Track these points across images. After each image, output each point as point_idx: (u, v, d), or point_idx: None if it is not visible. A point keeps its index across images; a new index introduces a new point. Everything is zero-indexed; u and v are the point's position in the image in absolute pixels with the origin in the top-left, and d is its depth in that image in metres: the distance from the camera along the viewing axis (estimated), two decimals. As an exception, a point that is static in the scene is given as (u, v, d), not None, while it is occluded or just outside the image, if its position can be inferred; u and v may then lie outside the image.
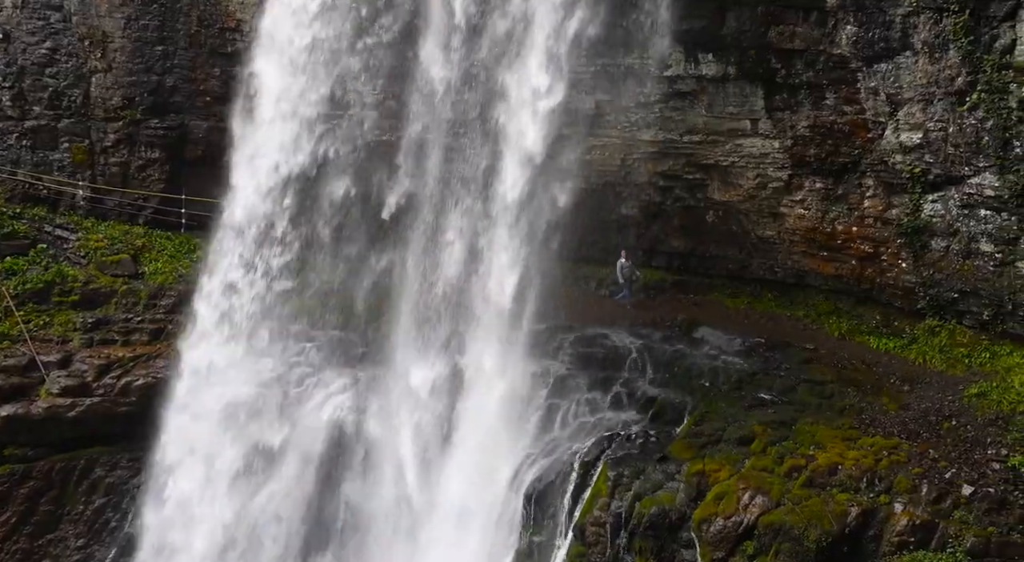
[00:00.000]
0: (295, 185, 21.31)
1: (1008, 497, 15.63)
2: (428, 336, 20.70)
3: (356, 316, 21.99)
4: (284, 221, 21.24)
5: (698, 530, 16.79)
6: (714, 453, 17.77)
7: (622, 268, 22.30)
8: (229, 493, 20.47)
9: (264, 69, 21.36)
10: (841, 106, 19.48)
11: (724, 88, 20.43)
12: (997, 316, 19.04)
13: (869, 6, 18.17)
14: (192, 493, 20.66)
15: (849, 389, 18.81)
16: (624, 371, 20.34)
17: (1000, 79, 17.29)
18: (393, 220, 21.29)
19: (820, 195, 20.64)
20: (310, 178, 21.23)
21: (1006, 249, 18.42)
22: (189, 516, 20.60)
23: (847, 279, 21.11)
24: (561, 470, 18.58)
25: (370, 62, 20.77)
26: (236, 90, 22.32)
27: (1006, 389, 17.72)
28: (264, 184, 21.43)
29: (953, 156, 18.44)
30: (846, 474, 16.60)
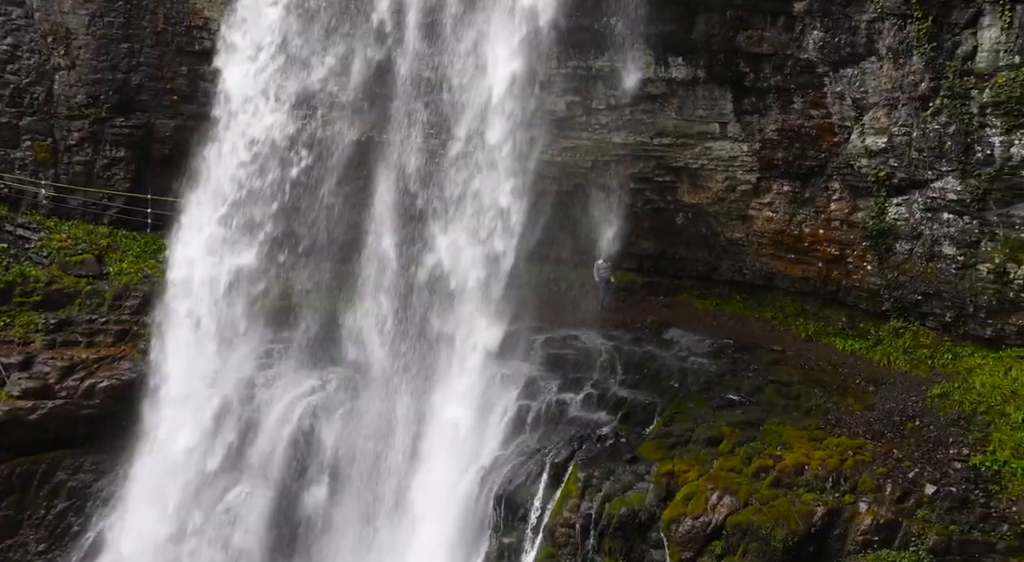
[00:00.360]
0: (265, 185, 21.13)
1: (969, 496, 15.87)
2: (399, 338, 20.63)
3: (326, 317, 21.83)
4: (254, 220, 21.03)
5: (667, 530, 16.90)
6: (683, 454, 17.88)
7: (599, 269, 22.29)
8: (195, 495, 20.20)
9: (232, 68, 21.13)
10: (808, 110, 19.71)
11: (694, 91, 20.59)
12: (959, 318, 19.38)
13: (835, 12, 18.42)
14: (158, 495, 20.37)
15: (816, 390, 19.03)
16: (594, 372, 20.40)
17: (962, 85, 17.61)
18: (366, 217, 21.19)
19: (788, 198, 20.87)
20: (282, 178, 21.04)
21: (968, 252, 18.76)
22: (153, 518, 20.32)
23: (814, 281, 21.37)
24: (531, 471, 18.59)
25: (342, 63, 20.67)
26: (204, 89, 22.08)
27: (967, 390, 18.01)
28: (234, 183, 21.23)
29: (917, 160, 18.75)
30: (812, 474, 16.78)
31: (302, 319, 21.77)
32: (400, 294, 20.78)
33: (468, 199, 20.12)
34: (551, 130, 21.06)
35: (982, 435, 16.89)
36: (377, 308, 20.89)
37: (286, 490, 20.30)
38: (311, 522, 20.16)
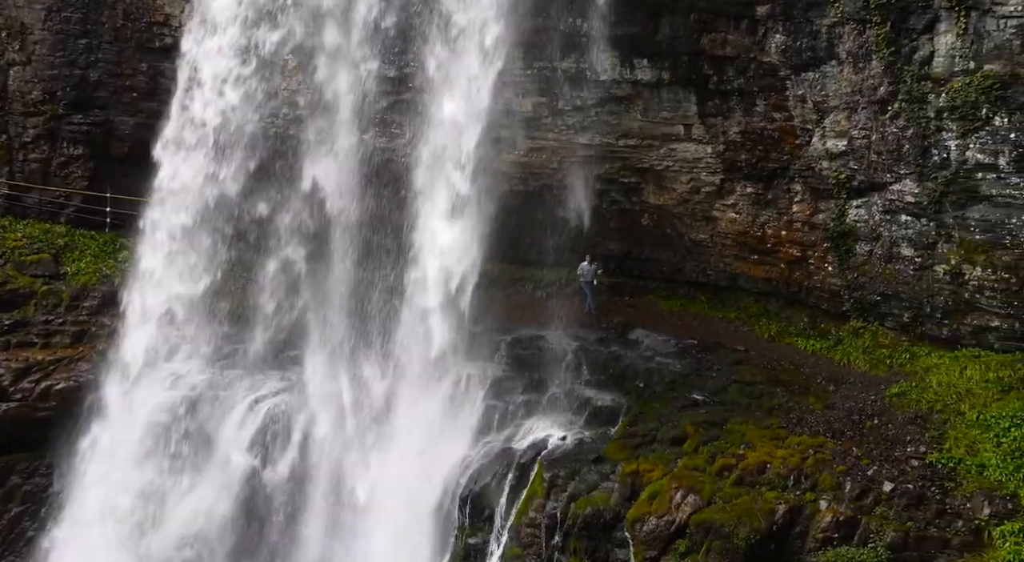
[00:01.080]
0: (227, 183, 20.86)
1: (926, 493, 16.18)
2: (364, 338, 20.50)
3: (290, 317, 21.61)
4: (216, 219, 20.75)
5: (632, 529, 17.00)
6: (648, 453, 18.01)
7: (583, 272, 22.21)
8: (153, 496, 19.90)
9: (198, 64, 20.86)
10: (771, 113, 19.93)
11: (659, 93, 20.72)
12: (916, 318, 19.74)
13: (797, 16, 18.64)
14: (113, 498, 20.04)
15: (778, 389, 19.27)
16: (561, 373, 20.46)
17: (919, 89, 17.93)
18: (329, 221, 21.01)
19: (751, 199, 21.10)
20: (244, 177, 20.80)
21: (925, 253, 19.11)
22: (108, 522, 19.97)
23: (776, 282, 21.62)
24: (497, 472, 18.62)
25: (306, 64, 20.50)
26: (165, 86, 21.74)
27: (924, 389, 18.35)
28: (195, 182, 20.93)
29: (876, 163, 19.05)
30: (774, 472, 16.99)
31: (265, 318, 21.53)
32: (365, 293, 20.64)
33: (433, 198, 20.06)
34: (517, 130, 21.09)
35: (938, 433, 17.24)
36: (342, 307, 20.73)
37: (250, 491, 20.06)
38: (274, 525, 19.96)
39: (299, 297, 21.37)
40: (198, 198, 20.76)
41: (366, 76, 20.40)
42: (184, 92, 20.97)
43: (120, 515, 20.09)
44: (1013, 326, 18.40)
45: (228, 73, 20.53)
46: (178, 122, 21.00)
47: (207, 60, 20.71)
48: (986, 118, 17.36)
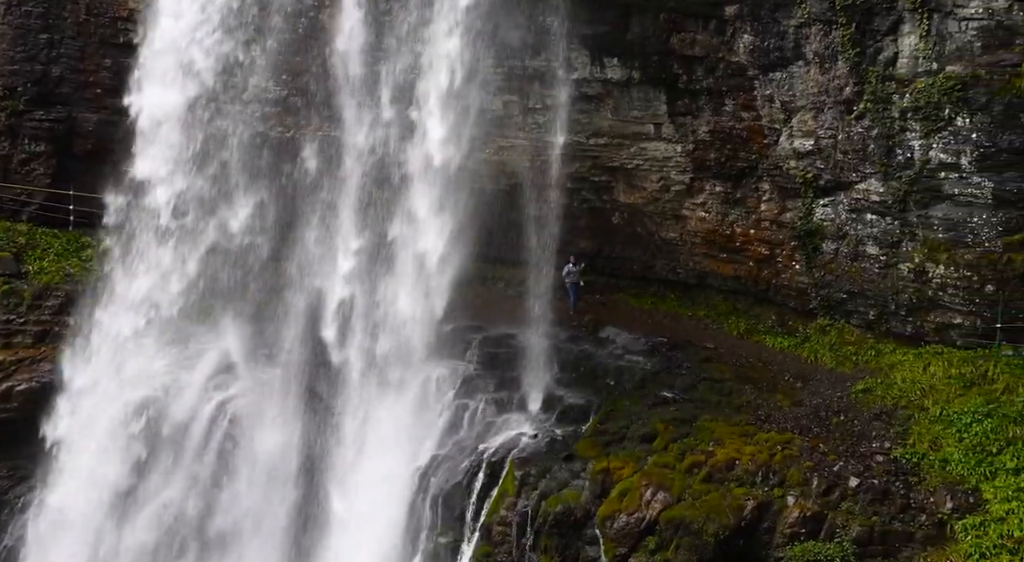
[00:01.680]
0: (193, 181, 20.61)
1: (890, 488, 16.43)
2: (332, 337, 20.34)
3: (259, 315, 21.40)
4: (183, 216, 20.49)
5: (602, 527, 17.08)
6: (618, 451, 18.10)
7: (569, 273, 22.17)
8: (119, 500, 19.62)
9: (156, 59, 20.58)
10: (739, 112, 20.11)
11: (629, 92, 20.81)
12: (881, 316, 20.03)
13: (764, 16, 18.82)
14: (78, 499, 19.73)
15: (746, 386, 19.45)
16: (532, 371, 20.44)
17: (884, 90, 18.19)
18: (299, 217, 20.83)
19: (720, 198, 21.26)
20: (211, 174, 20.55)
21: (890, 252, 19.39)
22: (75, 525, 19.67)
23: (745, 280, 21.82)
24: (468, 470, 18.62)
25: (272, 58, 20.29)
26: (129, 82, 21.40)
27: (889, 385, 18.62)
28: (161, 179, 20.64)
29: (842, 162, 19.30)
30: (743, 469, 17.15)
31: (231, 318, 21.30)
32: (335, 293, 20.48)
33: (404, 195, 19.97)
34: (488, 129, 21.05)
35: (902, 429, 17.50)
36: (310, 306, 20.56)
37: (218, 492, 19.84)
38: (242, 524, 19.76)
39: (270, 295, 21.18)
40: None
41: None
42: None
43: (85, 516, 19.76)
44: (975, 323, 18.75)
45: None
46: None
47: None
48: (948, 119, 17.67)
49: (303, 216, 20.96)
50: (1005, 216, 17.78)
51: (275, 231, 21.24)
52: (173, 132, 20.42)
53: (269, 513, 19.73)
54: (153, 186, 20.57)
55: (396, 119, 19.79)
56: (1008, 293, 18.15)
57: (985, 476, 16.12)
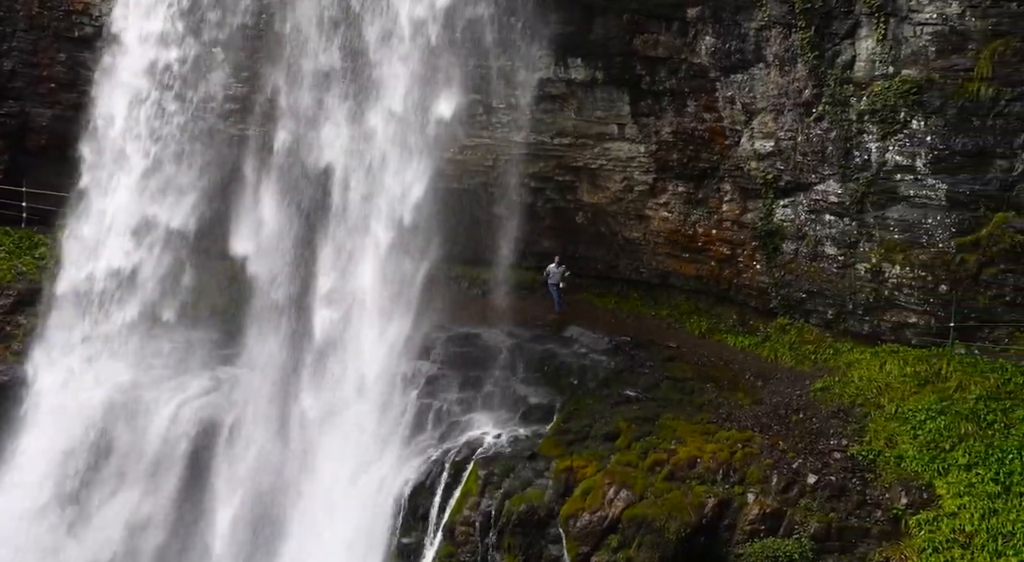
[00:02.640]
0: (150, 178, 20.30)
1: (847, 485, 16.70)
2: (296, 336, 20.17)
3: (219, 315, 21.15)
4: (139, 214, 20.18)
5: (565, 526, 17.14)
6: (582, 450, 18.18)
7: (551, 273, 22.17)
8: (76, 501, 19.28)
9: (118, 56, 20.24)
10: (701, 113, 20.28)
11: (592, 92, 20.90)
12: (840, 315, 20.34)
13: (726, 19, 19.00)
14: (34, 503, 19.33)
15: (708, 385, 19.63)
16: (495, 370, 20.50)
17: (842, 93, 18.47)
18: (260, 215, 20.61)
19: (682, 199, 21.44)
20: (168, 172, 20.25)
21: (848, 252, 19.70)
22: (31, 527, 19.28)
23: (707, 280, 22.03)
24: (432, 471, 18.57)
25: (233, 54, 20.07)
26: (85, 77, 21.01)
27: (847, 383, 18.91)
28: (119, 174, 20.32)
29: (801, 164, 19.56)
30: (704, 467, 17.32)
31: (194, 318, 21.01)
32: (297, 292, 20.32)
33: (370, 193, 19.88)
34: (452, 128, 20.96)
35: (859, 426, 17.78)
36: (273, 306, 20.37)
37: (179, 495, 19.58)
38: (203, 527, 19.51)
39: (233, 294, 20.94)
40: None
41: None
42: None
43: (42, 520, 19.38)
44: (929, 322, 19.11)
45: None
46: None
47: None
48: (904, 121, 17.99)
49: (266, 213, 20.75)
50: (958, 217, 18.15)
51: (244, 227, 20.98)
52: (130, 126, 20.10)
53: (231, 515, 19.48)
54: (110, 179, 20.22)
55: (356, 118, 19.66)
56: (961, 293, 18.53)
57: (938, 472, 16.44)
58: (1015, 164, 17.41)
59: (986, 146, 17.47)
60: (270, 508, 19.49)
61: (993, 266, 18.06)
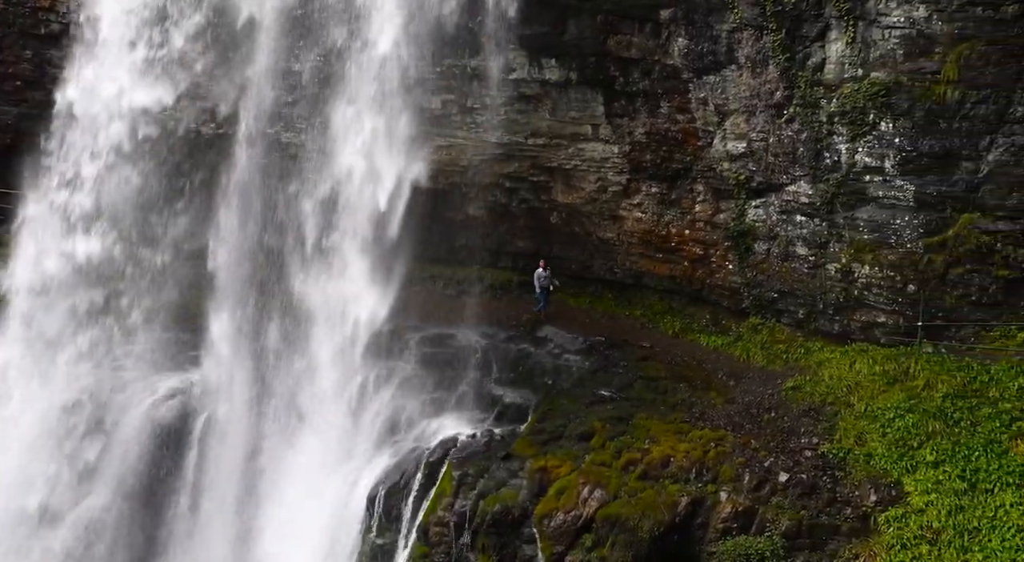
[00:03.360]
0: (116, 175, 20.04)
1: (818, 483, 16.86)
2: (267, 337, 20.02)
3: (189, 316, 20.92)
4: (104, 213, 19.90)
5: (539, 525, 17.16)
6: (556, 450, 18.21)
7: (539, 277, 22.17)
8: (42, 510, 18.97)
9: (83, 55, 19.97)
10: (674, 114, 20.40)
11: (567, 93, 20.94)
12: (810, 314, 20.55)
13: (698, 21, 19.12)
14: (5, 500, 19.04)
15: (681, 385, 19.75)
16: (470, 370, 20.50)
17: (812, 94, 18.66)
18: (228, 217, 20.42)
19: (656, 199, 21.55)
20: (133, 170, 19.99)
21: (818, 252, 19.91)
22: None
23: (680, 280, 22.16)
24: (406, 471, 18.52)
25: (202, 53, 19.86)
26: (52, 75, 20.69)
27: (817, 382, 19.11)
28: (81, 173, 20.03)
29: (773, 165, 19.73)
30: (677, 466, 17.41)
31: (164, 319, 20.77)
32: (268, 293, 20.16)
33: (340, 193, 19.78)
34: (427, 128, 20.96)
35: (830, 425, 17.97)
36: (243, 307, 20.19)
37: (146, 498, 19.35)
38: (173, 530, 19.33)
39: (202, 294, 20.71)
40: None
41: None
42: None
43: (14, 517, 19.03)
44: (898, 322, 19.36)
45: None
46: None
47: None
48: (873, 123, 18.22)
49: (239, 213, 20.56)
50: (926, 218, 18.41)
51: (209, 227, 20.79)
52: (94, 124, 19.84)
53: (203, 517, 19.29)
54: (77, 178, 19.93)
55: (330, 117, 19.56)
56: (928, 293, 18.79)
57: (906, 470, 16.65)
58: (980, 166, 17.70)
59: (952, 148, 17.74)
60: (241, 510, 19.33)
61: (959, 266, 18.34)
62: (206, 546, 19.24)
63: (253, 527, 19.18)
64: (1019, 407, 17.00)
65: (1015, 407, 17.00)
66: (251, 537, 19.17)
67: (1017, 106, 17.06)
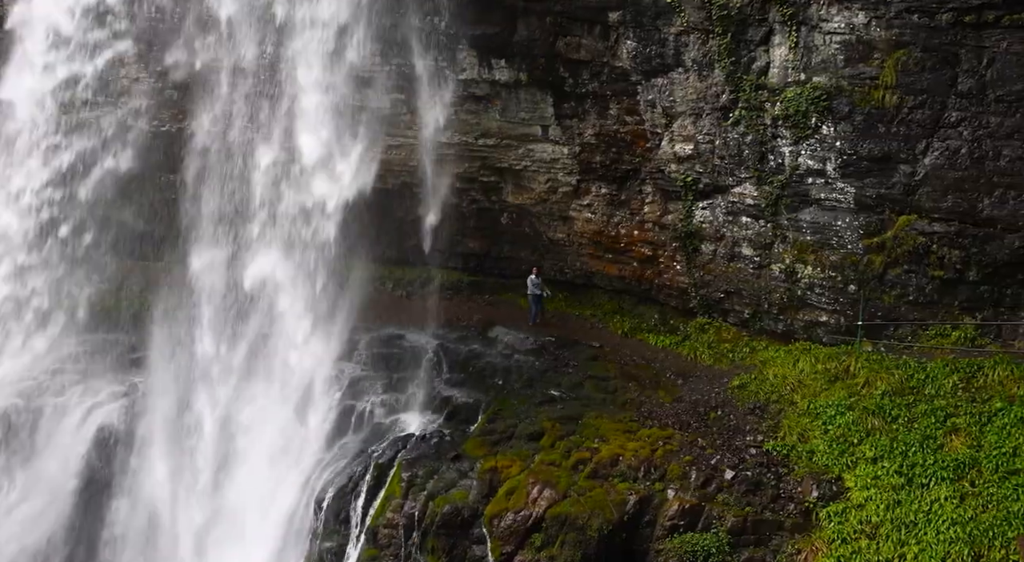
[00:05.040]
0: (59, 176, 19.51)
1: (762, 479, 17.16)
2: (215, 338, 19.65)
3: (133, 318, 20.45)
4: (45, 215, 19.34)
5: (489, 526, 17.15)
6: (506, 450, 18.22)
7: (532, 284, 21.95)
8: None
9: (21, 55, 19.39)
10: (623, 116, 20.58)
11: (516, 94, 20.98)
12: (756, 314, 20.91)
13: (646, 23, 19.31)
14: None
15: (630, 384, 19.92)
16: (420, 371, 20.41)
17: (757, 98, 18.99)
18: (176, 217, 20.03)
19: (605, 200, 21.72)
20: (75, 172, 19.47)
21: (763, 253, 20.27)
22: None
23: (629, 280, 22.37)
24: (354, 473, 18.34)
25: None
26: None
27: (762, 381, 19.45)
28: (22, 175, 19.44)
29: (719, 167, 20.03)
30: (626, 464, 17.56)
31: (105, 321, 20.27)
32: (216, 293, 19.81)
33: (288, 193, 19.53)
34: (376, 128, 20.80)
35: (774, 422, 18.31)
36: (190, 309, 19.80)
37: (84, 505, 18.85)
38: (113, 536, 18.85)
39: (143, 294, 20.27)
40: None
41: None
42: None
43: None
44: (839, 321, 19.81)
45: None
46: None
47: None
48: (815, 127, 18.61)
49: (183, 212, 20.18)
50: (865, 220, 18.87)
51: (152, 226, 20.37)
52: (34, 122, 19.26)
53: (143, 523, 18.86)
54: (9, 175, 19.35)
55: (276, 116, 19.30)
56: (868, 293, 19.26)
57: (847, 466, 17.04)
58: (917, 169, 18.19)
59: (891, 151, 18.20)
60: (185, 514, 18.94)
61: (897, 267, 18.84)
62: (150, 548, 18.81)
63: (200, 532, 18.78)
64: (953, 404, 17.51)
65: (949, 404, 17.51)
66: (199, 542, 18.77)
67: (951, 111, 17.57)
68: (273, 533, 18.22)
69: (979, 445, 16.55)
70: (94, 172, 19.64)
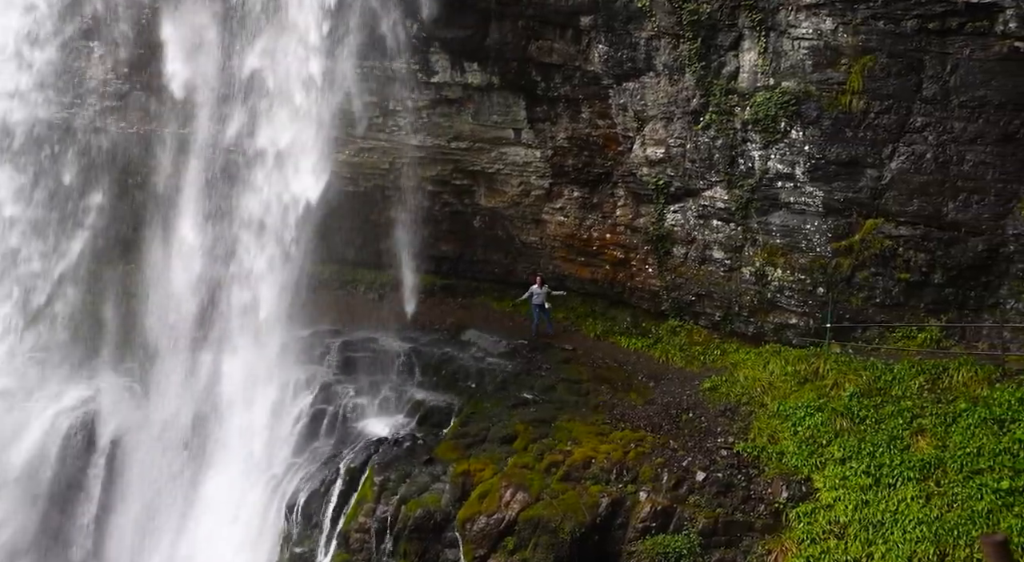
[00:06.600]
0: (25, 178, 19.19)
1: (733, 481, 17.27)
2: (185, 342, 19.43)
3: (98, 323, 20.14)
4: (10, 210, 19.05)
5: (462, 529, 17.09)
6: (479, 453, 18.18)
7: (535, 294, 21.47)
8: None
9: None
10: (595, 120, 20.65)
11: (489, 97, 20.98)
12: (727, 317, 21.07)
13: (618, 28, 19.41)
14: None
15: (603, 386, 19.97)
16: (392, 375, 20.33)
17: (727, 102, 19.16)
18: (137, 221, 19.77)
19: (578, 203, 21.78)
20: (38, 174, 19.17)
21: (734, 256, 20.44)
22: None
23: (602, 283, 22.44)
24: (326, 478, 18.20)
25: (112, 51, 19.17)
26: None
27: (733, 383, 19.57)
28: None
29: (690, 171, 20.17)
30: (599, 467, 17.58)
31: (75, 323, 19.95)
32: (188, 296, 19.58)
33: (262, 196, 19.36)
34: (348, 130, 20.70)
35: (745, 424, 18.43)
36: (160, 310, 19.55)
37: (51, 511, 18.52)
38: (85, 541, 18.53)
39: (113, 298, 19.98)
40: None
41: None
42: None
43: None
44: (808, 323, 20.00)
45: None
46: None
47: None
48: (784, 131, 18.81)
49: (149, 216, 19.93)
50: (834, 223, 19.10)
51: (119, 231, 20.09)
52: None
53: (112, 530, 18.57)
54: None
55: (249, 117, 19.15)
56: (836, 295, 19.47)
57: (816, 467, 17.18)
58: (884, 173, 18.43)
59: (858, 156, 18.44)
60: (155, 519, 18.69)
61: (864, 270, 19.06)
62: (121, 554, 18.53)
63: (170, 538, 18.53)
64: (919, 405, 17.72)
65: (915, 405, 17.72)
66: (167, 550, 18.52)
67: (917, 116, 17.83)
68: (244, 538, 18.02)
69: (944, 445, 16.76)
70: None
